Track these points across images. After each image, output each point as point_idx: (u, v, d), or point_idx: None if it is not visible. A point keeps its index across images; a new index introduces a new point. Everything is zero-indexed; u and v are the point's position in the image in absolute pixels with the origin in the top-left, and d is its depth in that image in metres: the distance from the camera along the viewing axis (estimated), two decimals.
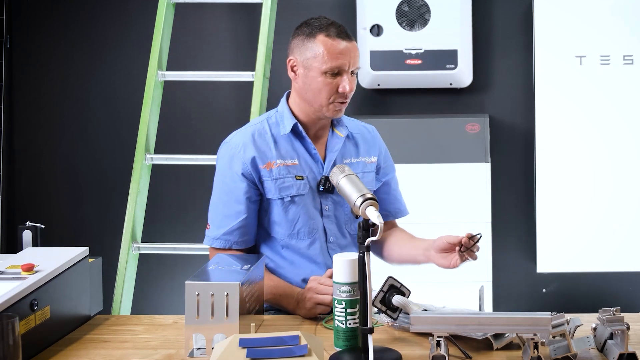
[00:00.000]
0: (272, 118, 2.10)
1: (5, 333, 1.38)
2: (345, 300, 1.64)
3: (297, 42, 2.01)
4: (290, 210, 2.03)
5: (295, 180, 2.04)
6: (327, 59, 1.95)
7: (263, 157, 2.03)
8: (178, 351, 1.67)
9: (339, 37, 1.96)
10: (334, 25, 1.98)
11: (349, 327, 1.64)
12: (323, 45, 1.96)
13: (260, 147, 2.04)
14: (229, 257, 1.85)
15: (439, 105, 3.60)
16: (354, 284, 1.63)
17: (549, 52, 3.41)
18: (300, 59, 2.00)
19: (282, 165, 2.03)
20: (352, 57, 1.98)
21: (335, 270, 1.66)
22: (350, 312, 1.64)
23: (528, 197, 3.58)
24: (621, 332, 1.52)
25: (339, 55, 1.95)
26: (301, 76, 2.01)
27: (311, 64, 1.98)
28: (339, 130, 2.11)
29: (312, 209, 2.05)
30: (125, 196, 3.18)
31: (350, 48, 1.98)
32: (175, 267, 3.63)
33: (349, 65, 1.97)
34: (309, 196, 2.04)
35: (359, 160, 2.13)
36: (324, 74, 1.96)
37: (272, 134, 2.06)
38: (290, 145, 2.06)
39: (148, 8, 3.50)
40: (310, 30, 1.99)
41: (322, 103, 1.99)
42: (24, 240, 3.09)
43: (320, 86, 1.97)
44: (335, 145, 2.09)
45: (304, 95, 2.03)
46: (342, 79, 1.97)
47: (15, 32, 3.73)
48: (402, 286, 1.79)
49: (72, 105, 3.74)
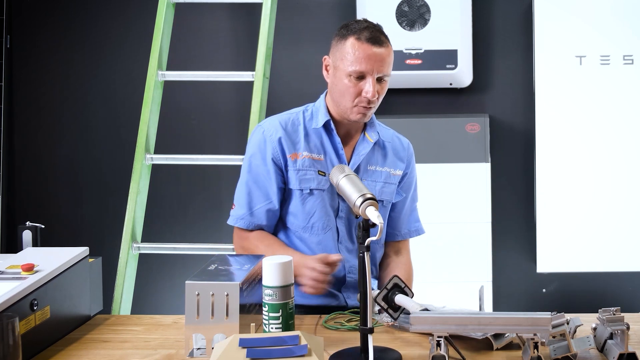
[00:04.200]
0: (308, 111, 2.13)
1: (5, 333, 1.38)
2: (267, 304, 1.62)
3: (333, 43, 2.04)
4: (308, 202, 2.06)
5: (317, 175, 2.06)
6: (352, 61, 1.97)
7: (290, 147, 2.06)
8: (178, 351, 1.67)
9: (369, 41, 1.96)
10: (369, 30, 1.99)
11: (271, 332, 1.61)
12: (351, 48, 1.97)
13: (290, 136, 2.08)
14: (229, 257, 1.85)
15: (439, 105, 3.60)
16: (277, 288, 1.61)
17: (549, 52, 3.41)
18: (332, 59, 2.04)
19: (307, 157, 2.06)
20: (379, 63, 1.97)
21: (263, 273, 1.64)
22: (272, 317, 1.62)
23: (528, 197, 3.58)
24: (621, 332, 1.52)
25: (364, 59, 1.96)
26: (331, 76, 2.05)
27: (339, 65, 2.01)
28: (369, 135, 2.11)
29: (329, 207, 2.08)
30: (125, 196, 3.18)
31: (380, 54, 1.97)
32: (175, 267, 3.63)
33: (375, 70, 1.97)
34: (327, 193, 2.07)
35: (384, 169, 2.13)
36: (348, 76, 1.98)
37: (305, 125, 2.10)
38: (320, 141, 2.09)
39: (148, 8, 3.50)
40: (345, 32, 2.01)
41: (347, 105, 2.02)
42: (24, 240, 3.09)
43: (345, 88, 2.00)
44: (362, 150, 2.10)
45: (332, 95, 2.06)
46: (366, 84, 1.97)
47: (15, 32, 3.73)
48: (405, 287, 1.79)
49: (72, 105, 3.74)
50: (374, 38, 1.97)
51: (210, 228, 3.64)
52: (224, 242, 3.18)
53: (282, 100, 3.56)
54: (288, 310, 1.62)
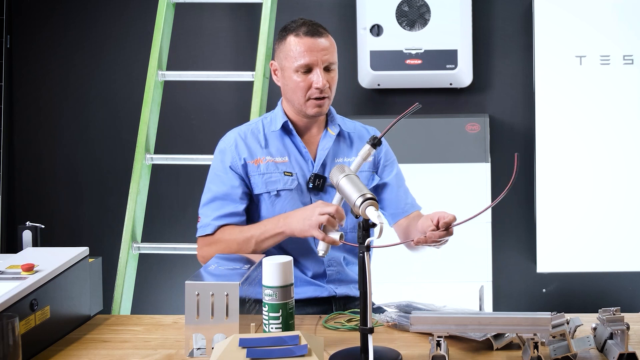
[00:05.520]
0: (267, 118, 2.17)
1: (5, 333, 1.38)
2: (267, 304, 1.62)
3: (275, 46, 2.10)
4: (277, 204, 2.08)
5: (283, 175, 2.08)
6: (296, 57, 2.02)
7: (252, 154, 2.09)
8: (178, 351, 1.67)
9: (307, 35, 2.02)
10: (306, 25, 2.04)
11: (272, 331, 1.62)
12: (291, 45, 2.03)
13: (250, 144, 2.11)
14: (229, 257, 1.85)
15: (439, 105, 3.60)
16: (277, 288, 1.61)
17: (549, 52, 3.40)
18: (277, 62, 2.09)
19: (270, 161, 2.09)
20: (322, 52, 2.02)
21: (263, 273, 1.64)
22: (272, 317, 1.62)
23: (528, 197, 3.58)
24: (621, 332, 1.52)
25: (306, 52, 2.01)
26: (280, 78, 2.10)
27: (284, 65, 2.05)
28: (331, 129, 2.14)
29: (300, 205, 2.07)
30: (125, 196, 3.18)
31: (321, 43, 2.02)
32: (175, 267, 3.63)
33: (319, 61, 2.02)
34: (297, 192, 2.09)
35: (351, 159, 2.12)
36: (295, 72, 2.03)
37: (264, 132, 2.13)
38: (282, 143, 2.12)
39: (148, 8, 3.50)
40: (284, 34, 2.07)
41: (300, 101, 2.05)
42: (24, 240, 3.09)
43: (294, 84, 2.04)
44: (325, 144, 2.13)
45: (286, 95, 2.10)
46: (314, 75, 2.02)
47: (15, 32, 3.73)
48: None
49: (72, 105, 3.74)
50: (312, 31, 2.03)
51: None
52: None
53: None
54: (288, 310, 1.62)
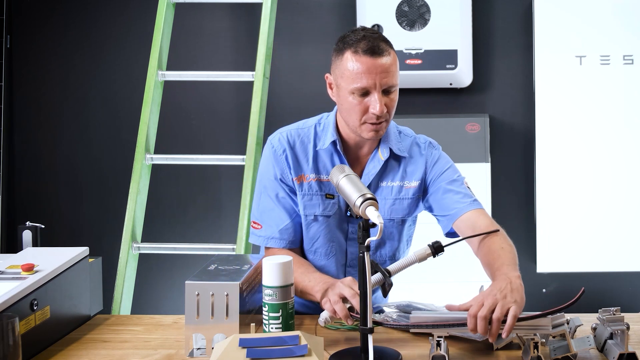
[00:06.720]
0: (321, 125, 2.01)
1: (5, 333, 1.38)
2: (267, 304, 1.62)
3: (332, 58, 1.90)
4: (311, 228, 1.99)
5: (324, 199, 1.97)
6: (352, 78, 1.82)
7: (297, 169, 1.97)
8: (178, 351, 1.67)
9: (366, 53, 1.81)
10: (366, 40, 1.82)
11: (272, 331, 1.61)
12: (348, 63, 1.83)
13: (298, 157, 1.98)
14: (229, 257, 1.85)
15: (439, 105, 3.60)
16: (277, 288, 1.61)
17: (549, 52, 3.41)
18: (333, 77, 1.90)
19: (314, 180, 1.97)
20: (381, 75, 1.81)
21: (263, 273, 1.63)
22: (272, 317, 1.61)
23: (528, 197, 3.58)
24: (621, 332, 1.52)
25: (364, 74, 1.81)
26: (335, 95, 1.92)
27: (340, 83, 1.87)
28: (381, 152, 1.97)
29: (336, 230, 2.00)
30: (125, 196, 3.18)
31: (380, 65, 1.81)
32: (175, 267, 3.63)
33: (378, 84, 1.81)
34: (335, 217, 1.98)
35: (395, 184, 2.00)
36: (351, 93, 1.84)
37: (315, 143, 1.98)
38: (330, 160, 1.97)
39: (148, 8, 3.50)
40: (341, 46, 1.86)
41: (355, 124, 1.88)
42: (24, 240, 3.09)
43: (350, 106, 1.86)
44: (371, 169, 1.98)
45: (341, 113, 1.94)
46: (371, 99, 1.83)
47: (15, 32, 3.73)
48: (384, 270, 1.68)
49: (72, 105, 3.74)
50: (373, 48, 1.81)
51: (210, 228, 3.63)
52: (224, 242, 3.18)
53: (282, 100, 3.57)
54: (288, 310, 1.62)
